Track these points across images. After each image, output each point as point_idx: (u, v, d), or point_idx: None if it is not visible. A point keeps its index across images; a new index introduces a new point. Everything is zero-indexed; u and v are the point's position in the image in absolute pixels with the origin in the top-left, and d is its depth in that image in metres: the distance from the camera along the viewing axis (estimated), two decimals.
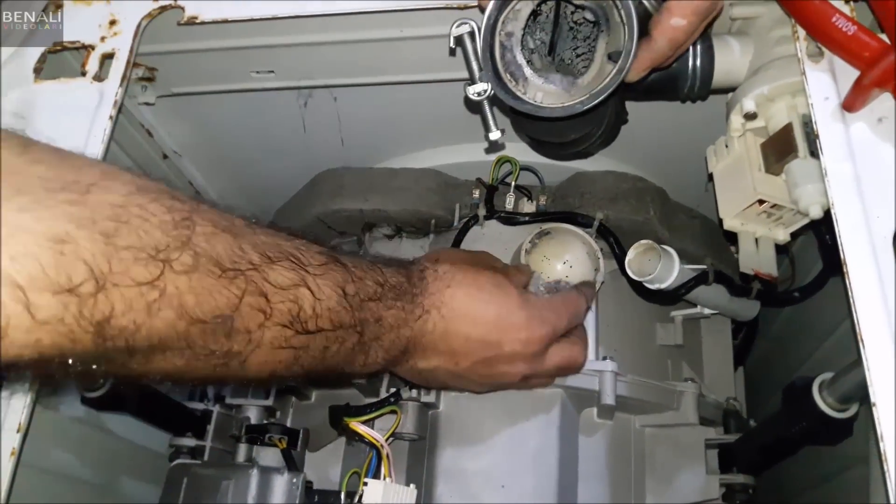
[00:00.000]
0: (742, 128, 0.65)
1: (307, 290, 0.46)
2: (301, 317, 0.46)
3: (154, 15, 0.68)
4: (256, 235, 0.45)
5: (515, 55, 0.60)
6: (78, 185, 0.37)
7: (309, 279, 0.47)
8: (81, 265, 0.35)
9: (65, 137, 0.62)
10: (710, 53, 0.65)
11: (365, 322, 0.52)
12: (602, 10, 0.58)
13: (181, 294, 0.39)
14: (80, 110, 0.63)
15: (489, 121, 0.61)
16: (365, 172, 0.89)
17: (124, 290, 0.36)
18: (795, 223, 0.66)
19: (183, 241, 0.39)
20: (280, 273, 0.45)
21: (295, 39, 0.73)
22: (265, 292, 0.44)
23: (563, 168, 0.87)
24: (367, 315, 0.52)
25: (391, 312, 0.54)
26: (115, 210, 0.37)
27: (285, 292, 0.45)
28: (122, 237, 0.36)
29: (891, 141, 0.54)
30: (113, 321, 0.36)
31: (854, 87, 0.54)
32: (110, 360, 0.39)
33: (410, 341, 0.56)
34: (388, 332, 0.54)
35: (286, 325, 0.46)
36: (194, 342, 0.41)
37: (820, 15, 0.57)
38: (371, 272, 0.53)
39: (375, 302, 0.52)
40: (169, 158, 0.88)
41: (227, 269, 0.41)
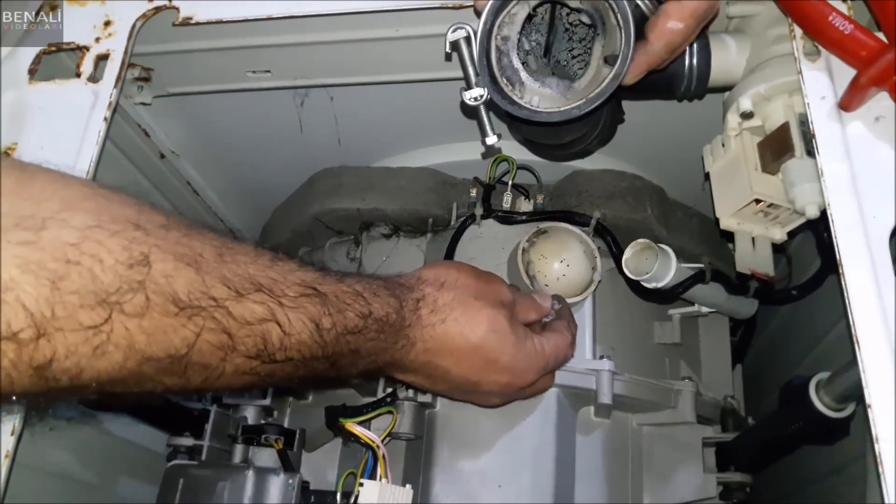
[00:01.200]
0: (739, 127, 0.65)
1: (276, 324, 0.44)
2: (268, 349, 0.45)
3: (149, 16, 0.68)
4: (226, 266, 0.43)
5: (512, 59, 0.60)
6: (33, 220, 0.36)
7: (280, 312, 0.45)
8: (21, 312, 0.34)
9: (60, 139, 0.63)
10: (706, 52, 0.65)
11: (339, 354, 0.50)
12: (598, 12, 0.57)
13: (131, 335, 0.38)
14: (75, 111, 0.63)
15: (486, 125, 0.61)
16: (362, 171, 0.89)
17: (68, 335, 0.36)
18: (792, 222, 0.66)
19: (137, 282, 0.38)
20: (248, 307, 0.43)
21: (290, 39, 0.73)
22: (228, 328, 0.42)
23: (561, 167, 0.87)
24: (343, 348, 0.50)
25: (371, 344, 0.52)
26: (67, 249, 0.36)
27: (251, 327, 0.43)
28: (70, 281, 0.36)
29: (888, 140, 0.54)
30: (55, 364, 0.36)
31: (851, 86, 0.54)
32: (55, 395, 0.38)
33: (388, 364, 0.55)
34: (364, 358, 0.53)
35: (251, 357, 0.44)
36: (146, 377, 0.40)
37: (817, 13, 0.56)
38: (355, 302, 0.50)
39: (354, 335, 0.50)
40: (166, 158, 0.88)
41: (185, 307, 0.40)
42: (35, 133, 0.63)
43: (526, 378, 0.61)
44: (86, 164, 0.60)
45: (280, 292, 0.45)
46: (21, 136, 0.63)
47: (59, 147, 0.62)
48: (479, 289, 0.60)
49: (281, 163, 0.96)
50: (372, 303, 0.51)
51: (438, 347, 0.56)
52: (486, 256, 0.80)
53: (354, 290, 0.51)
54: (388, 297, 0.53)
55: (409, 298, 0.55)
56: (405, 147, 0.94)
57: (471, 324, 0.57)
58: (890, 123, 0.54)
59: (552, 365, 0.64)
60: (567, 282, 0.76)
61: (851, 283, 0.50)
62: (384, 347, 0.53)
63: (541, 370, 0.62)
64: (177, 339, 0.40)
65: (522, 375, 0.61)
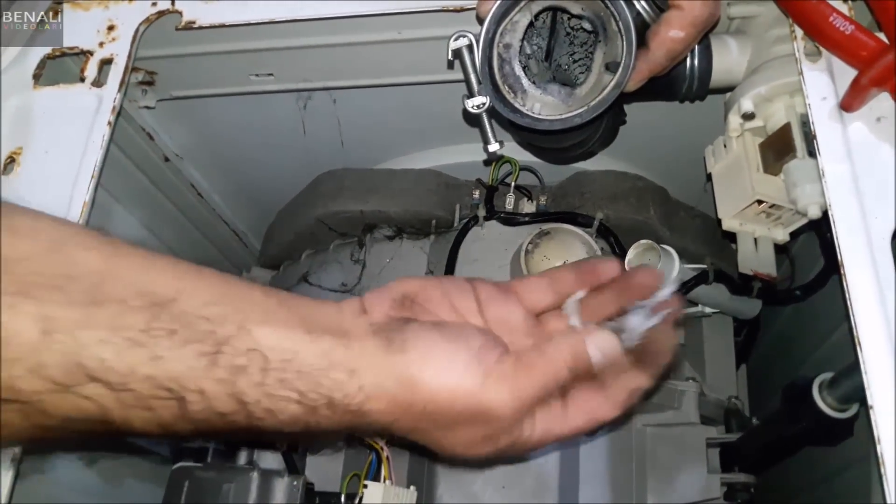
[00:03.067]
0: (740, 128, 0.65)
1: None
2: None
3: (152, 20, 0.68)
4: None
5: (514, 67, 0.60)
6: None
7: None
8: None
9: (64, 143, 0.63)
10: (707, 53, 0.65)
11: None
12: (600, 19, 0.57)
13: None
14: (80, 116, 0.63)
15: (488, 133, 0.61)
16: (365, 174, 0.89)
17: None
18: (794, 223, 0.66)
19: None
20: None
21: (293, 42, 0.73)
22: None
23: (563, 168, 0.87)
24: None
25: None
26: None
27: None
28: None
29: (889, 141, 0.54)
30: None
31: (852, 87, 0.54)
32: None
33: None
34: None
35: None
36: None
37: (817, 14, 0.56)
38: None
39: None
40: (170, 161, 0.89)
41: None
42: (40, 137, 0.63)
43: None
44: (90, 168, 0.61)
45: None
46: (26, 141, 0.63)
47: (63, 151, 0.62)
48: (447, 335, 0.45)
49: (284, 165, 0.97)
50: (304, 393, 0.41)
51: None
52: (488, 258, 0.80)
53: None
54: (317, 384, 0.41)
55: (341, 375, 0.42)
56: (408, 149, 0.94)
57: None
58: (891, 124, 0.54)
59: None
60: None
61: (853, 284, 0.50)
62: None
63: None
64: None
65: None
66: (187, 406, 0.38)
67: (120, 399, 0.37)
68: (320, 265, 0.90)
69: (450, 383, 0.41)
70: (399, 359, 0.41)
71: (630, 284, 0.48)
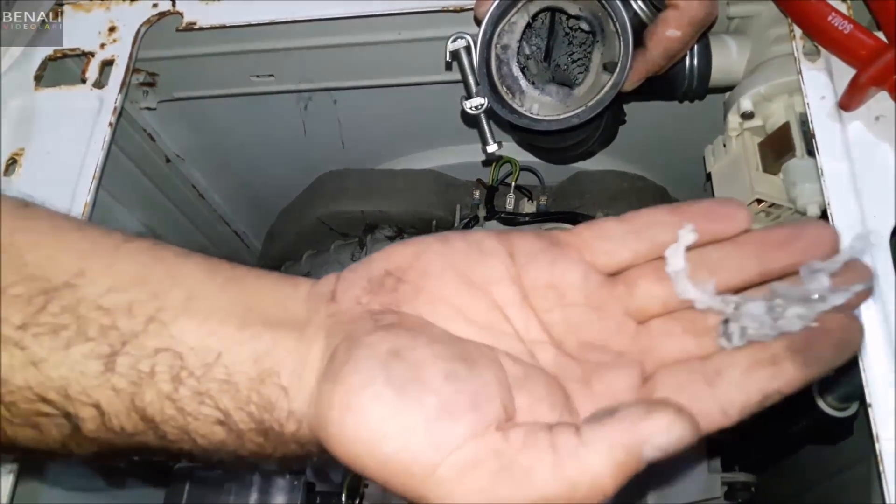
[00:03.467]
0: (740, 127, 0.65)
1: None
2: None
3: (153, 21, 0.68)
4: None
5: (511, 68, 0.60)
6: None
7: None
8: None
9: (66, 144, 0.63)
10: (707, 53, 0.65)
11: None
12: (597, 20, 0.58)
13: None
14: (81, 117, 0.64)
15: (486, 134, 0.61)
16: (366, 174, 0.90)
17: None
18: (794, 222, 0.66)
19: None
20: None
21: (293, 43, 0.73)
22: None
23: (564, 168, 0.87)
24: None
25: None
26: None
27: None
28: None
29: (888, 140, 0.54)
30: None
31: (850, 86, 0.54)
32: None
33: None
34: None
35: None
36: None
37: (816, 13, 0.56)
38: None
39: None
40: (171, 162, 0.89)
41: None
42: (41, 138, 0.64)
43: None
44: (91, 169, 0.61)
45: None
46: (28, 142, 0.64)
47: (65, 152, 0.63)
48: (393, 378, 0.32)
49: (285, 166, 0.97)
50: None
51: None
52: None
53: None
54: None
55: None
56: (408, 149, 0.94)
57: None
58: (890, 123, 0.54)
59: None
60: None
61: None
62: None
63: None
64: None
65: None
66: (80, 423, 0.30)
67: (2, 414, 0.30)
68: (321, 265, 0.91)
69: (380, 460, 0.28)
70: (325, 390, 0.29)
71: (794, 242, 0.32)
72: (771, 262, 0.33)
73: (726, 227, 0.33)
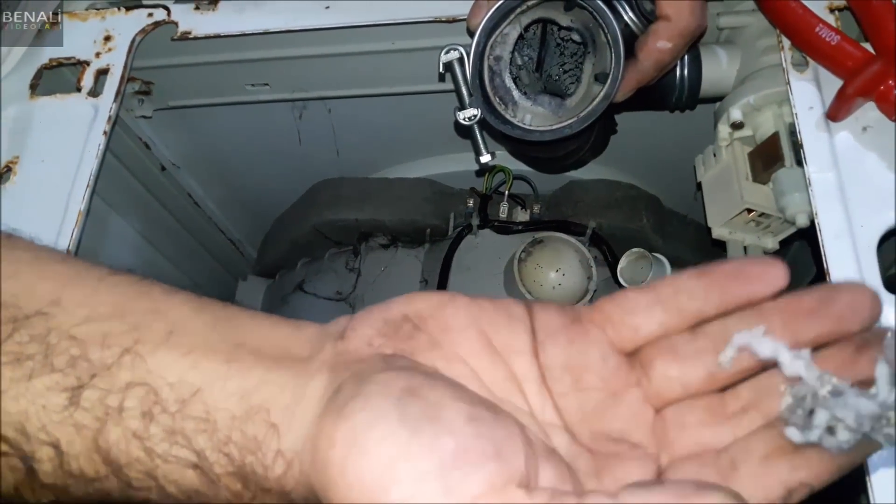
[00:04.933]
0: (729, 137, 0.65)
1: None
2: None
3: (148, 31, 0.69)
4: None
5: (504, 79, 0.60)
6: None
7: None
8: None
9: (60, 152, 0.63)
10: (697, 64, 0.66)
11: None
12: (589, 31, 0.58)
13: None
14: (76, 126, 0.64)
15: (479, 144, 0.62)
16: (361, 182, 0.90)
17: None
18: (783, 231, 0.66)
19: None
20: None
21: (288, 53, 0.74)
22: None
23: (557, 177, 0.87)
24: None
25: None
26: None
27: None
28: None
29: (875, 150, 0.55)
30: None
31: (838, 97, 0.55)
32: None
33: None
34: None
35: None
36: None
37: (804, 25, 0.57)
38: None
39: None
40: (167, 170, 0.89)
41: None
42: (36, 147, 0.64)
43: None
44: (86, 178, 0.61)
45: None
46: (23, 150, 0.64)
47: (59, 160, 0.63)
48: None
49: (280, 174, 0.97)
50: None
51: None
52: (482, 266, 0.81)
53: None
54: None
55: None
56: (403, 158, 0.95)
57: None
58: (877, 133, 0.55)
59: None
60: (563, 291, 0.76)
61: None
62: None
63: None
64: None
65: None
66: (36, 466, 0.27)
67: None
68: (316, 273, 0.91)
69: (376, 499, 0.24)
70: (327, 426, 0.26)
71: (826, 308, 0.29)
72: (800, 334, 0.29)
73: (760, 288, 0.30)
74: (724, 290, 0.30)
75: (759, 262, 0.30)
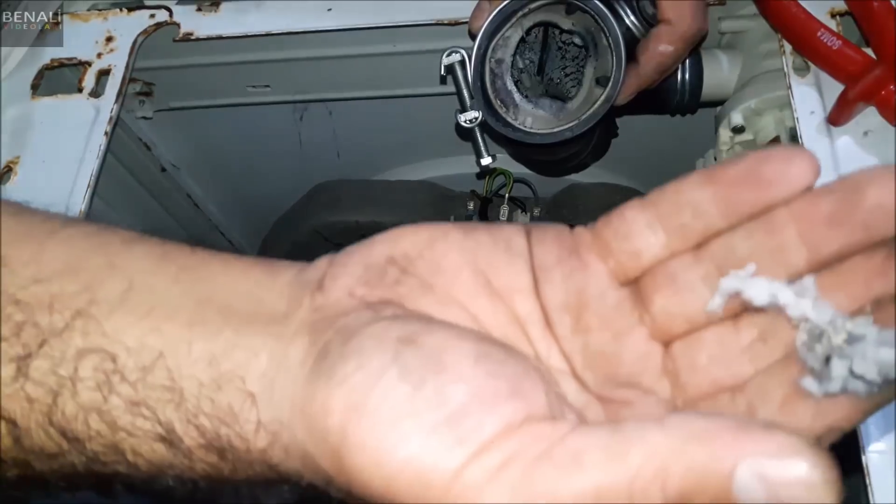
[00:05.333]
0: (731, 141, 0.65)
1: None
2: None
3: (150, 32, 0.69)
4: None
5: (506, 82, 0.61)
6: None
7: None
8: None
9: (62, 153, 0.63)
10: (698, 68, 0.66)
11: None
12: (590, 34, 0.58)
13: None
14: (77, 126, 0.64)
15: (480, 147, 0.62)
16: (361, 185, 0.90)
17: None
18: None
19: None
20: None
21: (290, 55, 0.74)
22: None
23: (557, 180, 0.87)
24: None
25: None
26: None
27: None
28: None
29: (876, 155, 0.55)
30: None
31: (839, 102, 0.55)
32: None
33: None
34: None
35: None
36: None
37: (805, 30, 0.57)
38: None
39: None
40: (167, 171, 0.89)
41: None
42: (37, 147, 0.64)
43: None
44: (86, 178, 0.61)
45: None
46: (24, 150, 0.64)
47: (60, 161, 0.63)
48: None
49: (280, 176, 0.97)
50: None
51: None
52: None
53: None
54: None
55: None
56: (403, 160, 0.95)
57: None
58: (878, 138, 0.55)
59: None
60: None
61: None
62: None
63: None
64: None
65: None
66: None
67: None
68: None
69: (391, 471, 0.22)
70: (320, 393, 0.24)
71: (851, 216, 0.24)
72: (821, 249, 0.24)
73: (779, 190, 0.25)
74: (734, 201, 0.25)
75: (777, 157, 0.25)
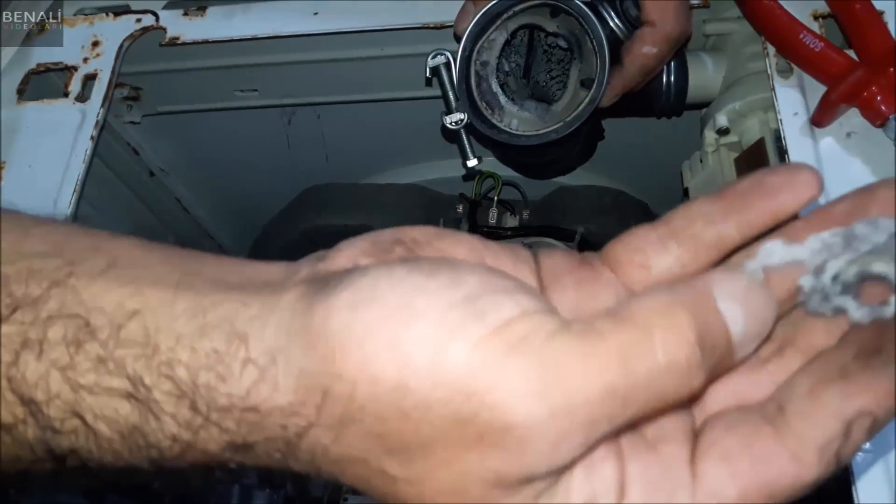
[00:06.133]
0: (716, 143, 0.66)
1: None
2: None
3: (136, 36, 0.69)
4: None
5: (491, 84, 0.61)
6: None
7: None
8: None
9: (48, 157, 0.63)
10: (683, 70, 0.66)
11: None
12: (575, 37, 0.59)
13: None
14: (63, 131, 0.64)
15: (466, 149, 0.62)
16: (350, 188, 0.90)
17: None
18: None
19: None
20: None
21: (277, 59, 0.74)
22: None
23: (546, 182, 0.88)
24: None
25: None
26: None
27: None
28: None
29: (859, 155, 0.55)
30: None
31: (821, 103, 0.55)
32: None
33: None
34: None
35: None
36: None
37: (788, 32, 0.58)
38: None
39: None
40: (155, 176, 0.89)
41: None
42: (23, 152, 0.64)
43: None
44: (73, 182, 0.61)
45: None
46: (9, 155, 0.64)
47: (46, 166, 0.63)
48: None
49: (269, 180, 0.97)
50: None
51: None
52: None
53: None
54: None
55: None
56: (392, 164, 0.95)
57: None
58: (861, 139, 0.55)
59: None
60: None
61: None
62: None
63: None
64: None
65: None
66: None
67: None
68: None
69: (404, 350, 0.21)
70: (319, 308, 0.22)
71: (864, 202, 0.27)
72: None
73: (785, 200, 0.26)
74: (743, 209, 0.26)
75: (781, 171, 0.26)
